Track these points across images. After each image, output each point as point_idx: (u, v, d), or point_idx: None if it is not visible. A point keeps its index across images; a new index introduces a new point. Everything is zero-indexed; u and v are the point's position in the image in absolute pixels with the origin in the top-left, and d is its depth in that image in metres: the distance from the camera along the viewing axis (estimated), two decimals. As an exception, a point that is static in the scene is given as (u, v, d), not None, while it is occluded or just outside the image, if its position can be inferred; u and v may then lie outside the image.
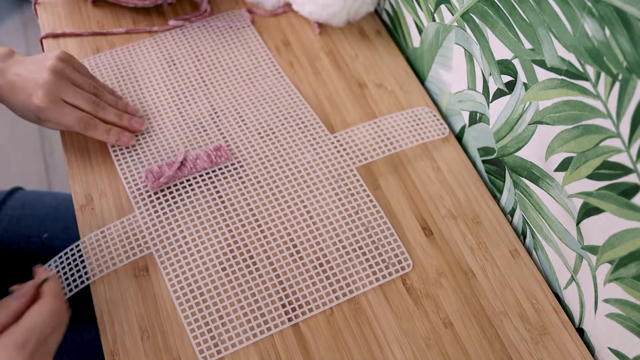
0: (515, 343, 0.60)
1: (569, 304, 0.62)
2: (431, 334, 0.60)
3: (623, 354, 0.55)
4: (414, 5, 0.76)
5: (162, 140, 0.72)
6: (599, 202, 0.52)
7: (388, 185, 0.70)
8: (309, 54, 0.81)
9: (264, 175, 0.69)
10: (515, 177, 0.65)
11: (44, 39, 0.81)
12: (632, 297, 0.51)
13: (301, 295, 0.61)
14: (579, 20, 0.48)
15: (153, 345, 0.58)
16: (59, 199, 0.87)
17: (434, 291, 0.63)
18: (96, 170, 0.69)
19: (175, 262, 0.63)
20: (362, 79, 0.79)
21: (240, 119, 0.74)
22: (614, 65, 0.46)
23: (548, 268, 0.64)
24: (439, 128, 0.74)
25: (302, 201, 0.67)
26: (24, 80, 0.65)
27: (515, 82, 0.60)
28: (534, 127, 0.59)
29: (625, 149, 0.47)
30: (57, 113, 0.65)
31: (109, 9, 0.84)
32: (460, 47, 0.68)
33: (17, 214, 0.83)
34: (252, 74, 0.78)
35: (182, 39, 0.82)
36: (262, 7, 0.86)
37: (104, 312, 0.60)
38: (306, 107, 0.75)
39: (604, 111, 0.48)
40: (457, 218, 0.68)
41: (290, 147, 0.72)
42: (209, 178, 0.69)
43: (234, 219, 0.66)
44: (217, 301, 0.61)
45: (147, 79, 0.77)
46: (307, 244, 0.64)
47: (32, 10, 1.03)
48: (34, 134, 1.59)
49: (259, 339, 0.59)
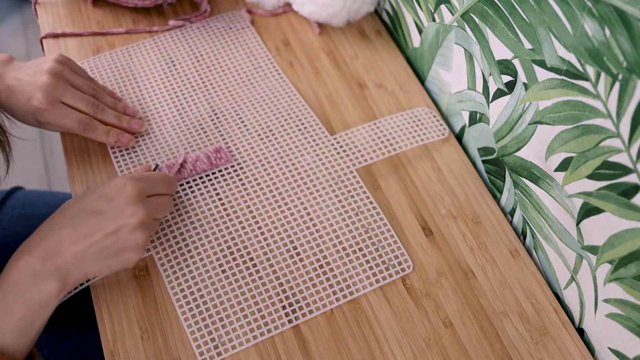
0: (515, 343, 0.60)
1: (569, 304, 0.62)
2: (431, 334, 0.60)
3: (623, 354, 0.55)
4: (414, 5, 0.76)
5: (161, 141, 0.72)
6: (599, 202, 0.52)
7: (388, 185, 0.70)
8: (309, 54, 0.81)
9: (264, 177, 0.69)
10: (515, 177, 0.65)
11: (44, 39, 0.81)
12: (632, 297, 0.51)
13: (302, 296, 0.61)
14: (579, 20, 0.48)
15: (153, 345, 0.58)
16: (59, 198, 0.87)
17: (434, 291, 0.63)
18: (96, 170, 0.69)
19: (176, 264, 0.63)
20: (362, 79, 0.79)
21: (240, 120, 0.74)
22: (614, 65, 0.46)
23: (548, 268, 0.64)
24: (439, 129, 0.74)
25: (302, 203, 0.67)
26: (23, 84, 0.65)
27: (515, 82, 0.60)
28: (534, 127, 0.59)
29: (625, 149, 0.47)
30: (56, 115, 0.65)
31: (109, 9, 0.84)
32: (460, 47, 0.68)
33: (17, 213, 0.83)
34: (252, 75, 0.78)
35: (181, 39, 0.82)
36: (262, 7, 0.86)
37: (104, 312, 0.60)
38: (306, 108, 0.75)
39: (604, 111, 0.48)
40: (457, 218, 0.68)
41: (290, 148, 0.72)
42: (208, 180, 0.69)
43: (233, 220, 0.66)
44: (217, 303, 0.61)
45: (147, 80, 0.77)
46: (307, 246, 0.64)
47: (32, 10, 1.03)
48: (34, 134, 1.59)
49: (260, 340, 0.59)
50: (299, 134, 0.73)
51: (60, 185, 1.53)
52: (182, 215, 0.66)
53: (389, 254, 0.64)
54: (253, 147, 0.72)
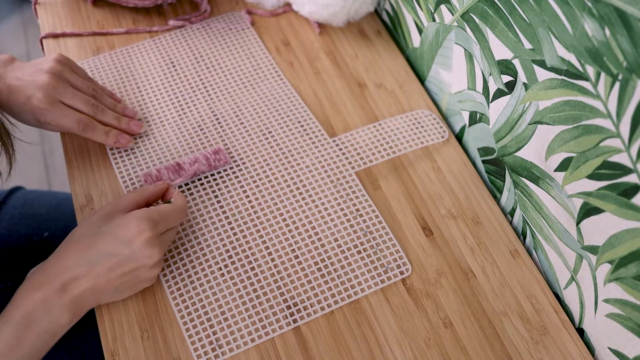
0: (515, 343, 0.60)
1: (569, 304, 0.62)
2: (431, 334, 0.60)
3: (623, 354, 0.55)
4: (414, 5, 0.76)
5: (160, 142, 0.72)
6: (599, 202, 0.52)
7: (388, 186, 0.70)
8: (309, 54, 0.81)
9: (263, 179, 0.69)
10: (515, 177, 0.65)
11: (44, 39, 0.81)
12: (632, 297, 0.51)
13: (302, 298, 0.61)
14: (579, 20, 0.48)
15: (153, 345, 0.58)
16: (59, 198, 0.87)
17: (434, 291, 0.63)
18: (96, 170, 0.69)
19: (175, 268, 0.63)
20: (362, 79, 0.79)
21: (239, 122, 0.74)
22: (614, 65, 0.46)
23: (548, 268, 0.64)
24: (440, 131, 0.74)
25: (301, 206, 0.67)
26: (23, 83, 0.65)
27: (515, 82, 0.60)
28: (534, 127, 0.59)
29: (625, 149, 0.47)
30: (56, 115, 0.65)
31: (109, 9, 0.84)
32: (460, 47, 0.68)
33: (17, 213, 0.83)
34: (252, 76, 0.78)
35: (181, 40, 0.82)
36: (262, 7, 0.86)
37: (104, 312, 0.60)
38: (306, 110, 0.75)
39: (604, 111, 0.48)
40: (457, 218, 0.68)
41: (289, 150, 0.71)
42: (207, 182, 0.69)
43: (232, 224, 0.66)
44: (217, 304, 0.60)
45: (147, 81, 0.77)
46: (307, 248, 0.64)
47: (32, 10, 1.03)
48: (34, 134, 1.59)
49: (260, 341, 0.59)
50: (297, 136, 0.73)
51: (60, 185, 1.53)
52: (182, 215, 0.66)
53: (388, 257, 0.64)
54: (252, 148, 0.72)
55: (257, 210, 0.67)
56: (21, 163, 1.59)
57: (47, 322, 0.55)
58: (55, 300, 0.55)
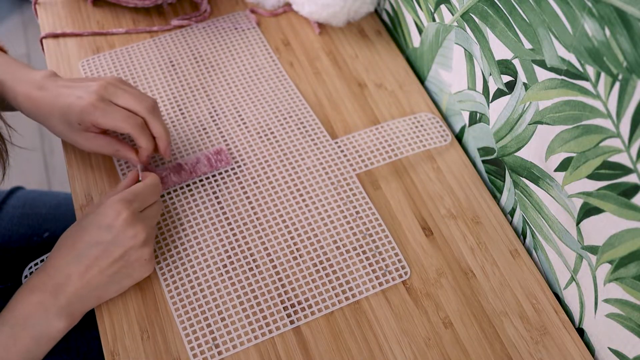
0: (515, 343, 0.60)
1: (569, 304, 0.62)
2: (431, 334, 0.60)
3: (623, 354, 0.55)
4: (414, 5, 0.76)
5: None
6: (599, 202, 0.52)
7: (388, 186, 0.70)
8: (309, 54, 0.81)
9: (263, 180, 0.69)
10: (515, 177, 0.65)
11: (44, 39, 0.81)
12: (632, 297, 0.51)
13: (301, 299, 0.61)
14: (579, 20, 0.48)
15: (153, 345, 0.58)
16: (60, 198, 0.87)
17: (434, 291, 0.63)
18: (96, 170, 0.70)
19: (174, 268, 0.63)
20: (362, 78, 0.79)
21: (242, 122, 0.74)
22: (614, 65, 0.46)
23: (548, 268, 0.64)
24: (442, 135, 0.73)
25: (301, 207, 0.67)
26: (73, 87, 0.63)
27: (515, 82, 0.60)
28: (534, 127, 0.59)
29: (625, 149, 0.47)
30: (106, 113, 0.62)
31: (109, 9, 0.84)
32: (460, 47, 0.68)
33: (17, 213, 0.83)
34: (256, 76, 0.78)
35: (181, 40, 0.82)
36: (262, 7, 0.86)
37: (104, 313, 0.60)
38: (308, 111, 0.75)
39: (604, 111, 0.48)
40: (457, 218, 0.68)
41: (291, 151, 0.71)
42: (208, 183, 0.69)
43: (232, 225, 0.66)
44: (213, 306, 0.60)
45: (147, 81, 0.77)
46: (307, 249, 0.64)
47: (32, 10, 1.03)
48: (34, 133, 1.59)
49: (260, 340, 0.59)
50: (299, 137, 0.73)
51: (60, 185, 1.53)
52: (181, 219, 0.66)
53: (387, 259, 0.64)
54: (254, 148, 0.71)
55: (257, 210, 0.67)
56: (21, 163, 1.59)
57: (43, 325, 0.55)
58: (51, 303, 0.55)
